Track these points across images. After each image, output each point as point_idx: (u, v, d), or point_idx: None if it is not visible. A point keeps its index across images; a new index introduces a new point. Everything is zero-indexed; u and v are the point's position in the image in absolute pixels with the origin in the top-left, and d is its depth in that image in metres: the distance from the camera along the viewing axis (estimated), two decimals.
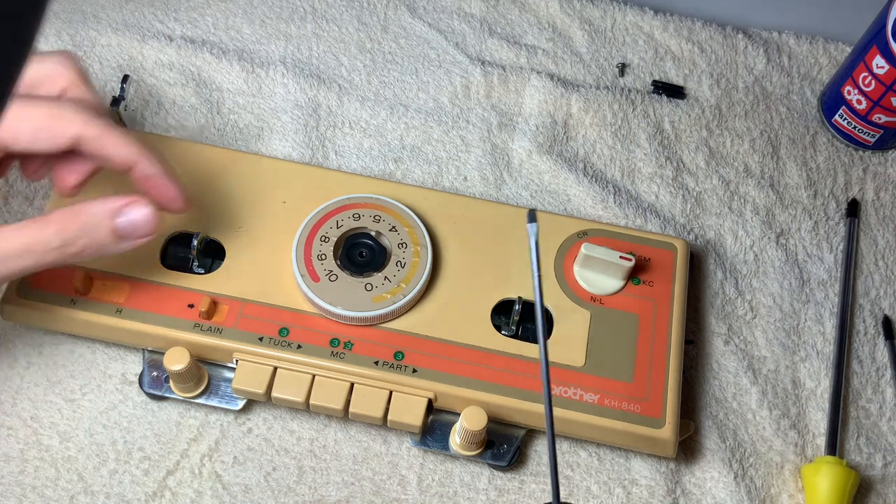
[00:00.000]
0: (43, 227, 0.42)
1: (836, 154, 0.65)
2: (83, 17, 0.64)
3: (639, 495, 0.52)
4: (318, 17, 0.67)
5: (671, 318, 0.53)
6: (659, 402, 0.50)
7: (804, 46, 0.69)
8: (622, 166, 0.63)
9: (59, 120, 0.41)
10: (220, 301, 0.51)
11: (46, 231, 0.41)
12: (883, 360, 0.58)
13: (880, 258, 0.61)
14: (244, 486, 0.51)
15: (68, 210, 0.43)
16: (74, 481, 0.50)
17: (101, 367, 0.53)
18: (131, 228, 0.44)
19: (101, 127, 0.42)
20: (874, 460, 0.55)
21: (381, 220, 0.53)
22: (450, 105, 0.64)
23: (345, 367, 0.50)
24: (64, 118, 0.42)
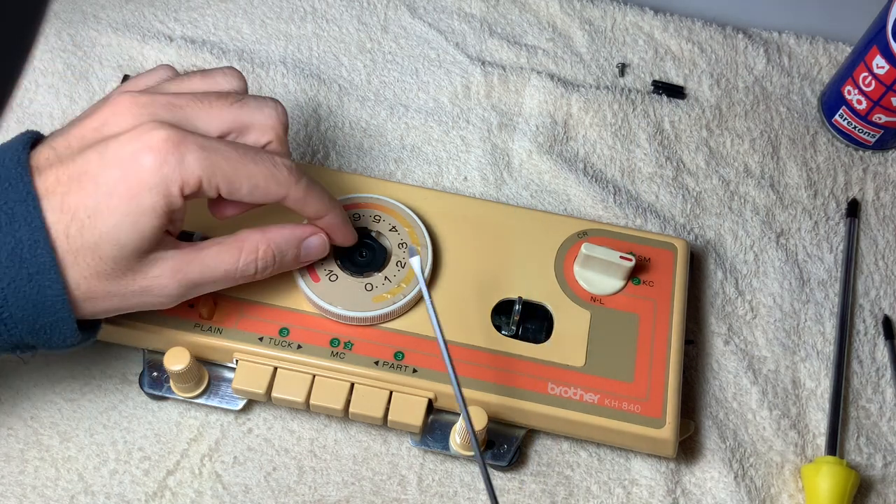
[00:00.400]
0: (239, 254, 0.45)
1: (836, 154, 0.65)
2: (83, 17, 0.64)
3: (639, 495, 0.52)
4: (318, 17, 0.67)
5: (671, 318, 0.53)
6: (659, 402, 0.50)
7: (804, 46, 0.69)
8: (622, 166, 0.63)
9: (275, 182, 0.44)
10: (220, 301, 0.51)
11: (245, 260, 0.45)
12: (883, 360, 0.58)
13: (880, 258, 0.61)
14: (244, 486, 0.51)
15: (261, 237, 0.46)
16: (74, 481, 0.50)
17: (101, 367, 0.53)
18: (311, 255, 0.49)
19: (304, 188, 0.45)
20: (874, 460, 0.55)
21: (381, 220, 0.53)
22: (450, 105, 0.64)
23: (345, 367, 0.50)
24: (279, 181, 0.44)
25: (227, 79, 0.46)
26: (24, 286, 0.40)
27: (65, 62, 0.62)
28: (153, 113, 0.42)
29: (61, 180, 0.40)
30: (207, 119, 0.43)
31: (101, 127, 0.42)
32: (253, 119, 0.44)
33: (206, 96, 0.44)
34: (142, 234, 0.41)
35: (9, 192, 0.40)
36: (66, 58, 0.62)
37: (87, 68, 0.62)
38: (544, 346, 0.51)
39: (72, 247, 0.40)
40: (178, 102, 0.43)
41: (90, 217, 0.40)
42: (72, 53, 0.62)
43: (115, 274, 0.42)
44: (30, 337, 0.42)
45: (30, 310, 0.41)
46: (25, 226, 0.39)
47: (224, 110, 0.44)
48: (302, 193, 0.45)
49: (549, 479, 0.52)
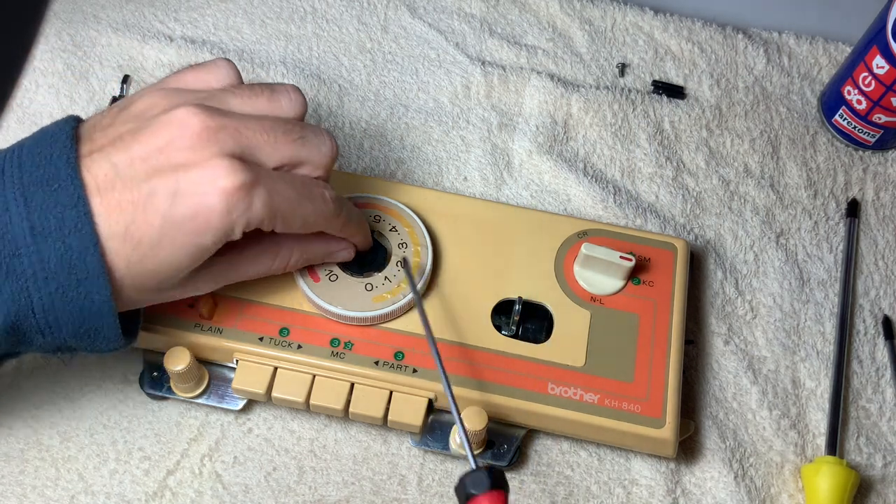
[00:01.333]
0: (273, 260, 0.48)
1: (836, 154, 0.65)
2: (83, 17, 0.64)
3: (639, 495, 0.52)
4: (318, 17, 0.67)
5: (671, 318, 0.53)
6: (659, 402, 0.50)
7: (804, 46, 0.69)
8: (622, 166, 0.63)
9: (324, 219, 0.46)
10: (220, 301, 0.51)
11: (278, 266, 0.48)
12: (883, 360, 0.58)
13: (880, 258, 0.61)
14: (244, 486, 0.51)
15: (296, 245, 0.48)
16: (74, 481, 0.50)
17: (101, 367, 0.53)
18: (334, 260, 0.51)
19: (344, 220, 0.47)
20: (874, 460, 0.55)
21: (381, 220, 0.53)
22: (450, 105, 0.64)
23: (345, 367, 0.50)
24: (327, 217, 0.46)
25: (291, 104, 0.46)
26: (72, 291, 0.40)
27: (65, 62, 0.62)
28: (222, 143, 0.41)
29: (124, 206, 0.40)
30: (270, 152, 0.43)
31: (166, 148, 0.41)
32: (311, 156, 0.45)
33: (272, 127, 0.44)
34: (199, 261, 0.43)
35: (58, 196, 0.40)
36: (66, 58, 0.62)
37: (87, 68, 0.62)
38: (544, 346, 0.51)
39: (130, 272, 0.41)
40: (245, 133, 0.43)
41: (153, 248, 0.41)
42: (72, 53, 0.62)
43: (167, 288, 0.44)
44: (73, 340, 0.42)
45: (76, 315, 0.41)
46: (76, 233, 0.39)
47: (287, 146, 0.44)
48: (341, 225, 0.48)
49: (549, 479, 0.52)
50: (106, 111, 0.44)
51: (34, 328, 0.41)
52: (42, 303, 0.40)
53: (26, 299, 0.40)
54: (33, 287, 0.40)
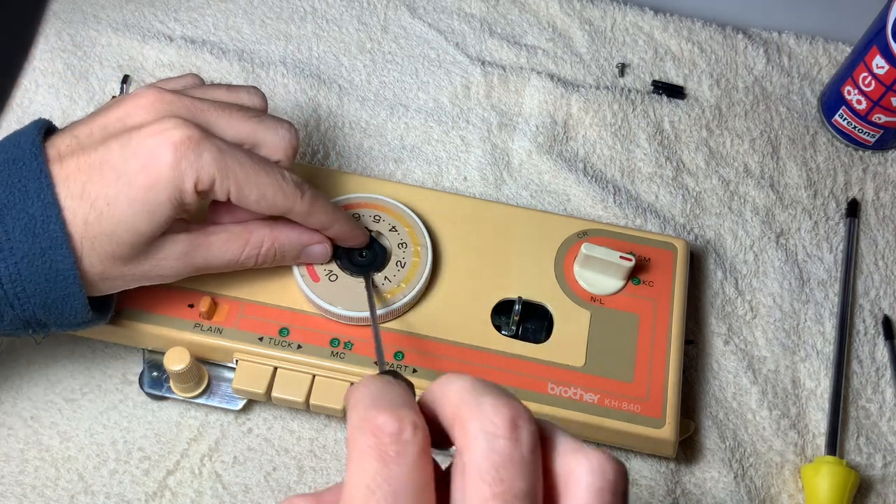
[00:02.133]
0: (244, 246, 0.47)
1: (836, 154, 0.65)
2: (83, 17, 0.64)
3: (639, 495, 0.52)
4: (318, 17, 0.67)
5: (671, 318, 0.53)
6: (659, 402, 0.50)
7: (804, 46, 0.69)
8: (622, 166, 0.63)
9: (282, 194, 0.45)
10: (220, 301, 0.51)
11: (248, 253, 0.48)
12: (883, 360, 0.58)
13: (880, 258, 0.61)
14: (244, 486, 0.51)
15: (268, 233, 0.48)
16: (74, 481, 0.50)
17: (101, 367, 0.53)
18: (311, 259, 0.50)
19: (308, 203, 0.47)
20: (874, 460, 0.55)
21: (381, 220, 0.53)
22: (450, 105, 0.64)
23: (345, 367, 0.50)
24: (286, 193, 0.46)
25: (249, 96, 0.48)
26: (37, 260, 0.42)
27: (65, 62, 0.62)
28: (175, 110, 0.44)
29: (82, 168, 0.42)
30: (226, 126, 0.45)
31: (124, 117, 0.44)
32: (267, 137, 0.46)
33: (228, 106, 0.46)
34: (157, 223, 0.43)
35: (22, 171, 0.42)
36: (66, 58, 0.62)
37: (87, 68, 0.62)
38: (544, 346, 0.51)
39: (89, 233, 0.42)
40: (200, 106, 0.45)
41: (109, 205, 0.42)
42: (72, 53, 0.62)
43: (129, 257, 0.44)
44: (42, 312, 0.43)
45: (42, 284, 0.42)
46: (38, 202, 0.41)
47: (242, 122, 0.46)
48: (306, 208, 0.47)
49: None
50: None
51: (3, 299, 0.42)
52: (9, 272, 0.41)
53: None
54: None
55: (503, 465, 0.29)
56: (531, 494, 0.29)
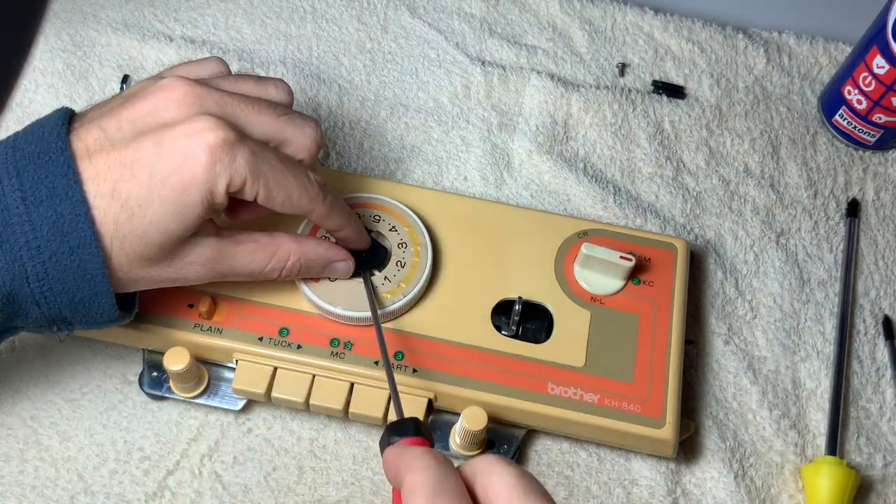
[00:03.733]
0: (270, 259, 0.47)
1: (836, 154, 0.65)
2: (83, 17, 0.64)
3: (639, 495, 0.52)
4: (318, 17, 0.67)
5: (671, 318, 0.53)
6: (659, 402, 0.50)
7: (804, 46, 0.69)
8: (622, 166, 0.63)
9: (307, 197, 0.46)
10: (220, 301, 0.51)
11: (273, 266, 0.47)
12: (883, 360, 0.58)
13: (880, 258, 0.61)
14: (244, 486, 0.51)
15: (295, 248, 0.48)
16: (74, 481, 0.50)
17: (101, 367, 0.53)
18: (334, 275, 0.50)
19: (329, 205, 0.47)
20: (874, 460, 0.55)
21: (381, 220, 0.53)
22: (450, 105, 0.64)
23: (345, 367, 0.50)
24: (311, 196, 0.46)
25: (277, 91, 0.48)
26: (65, 259, 0.41)
27: (65, 62, 0.62)
28: (207, 106, 0.43)
29: (112, 165, 0.41)
30: (255, 122, 0.45)
31: (153, 112, 0.43)
32: (294, 135, 0.46)
33: (258, 102, 0.45)
34: (187, 224, 0.43)
35: (49, 166, 0.41)
36: (66, 58, 0.62)
37: (87, 68, 0.62)
38: (544, 346, 0.51)
39: (119, 233, 0.42)
40: (230, 101, 0.44)
41: (140, 206, 0.41)
42: (72, 53, 0.62)
43: (157, 258, 0.43)
44: (69, 310, 0.43)
45: (70, 283, 0.42)
46: (67, 200, 0.41)
47: (271, 120, 0.45)
48: (326, 210, 0.47)
49: (549, 479, 0.52)
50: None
51: (30, 298, 0.41)
52: (36, 271, 0.41)
53: (20, 268, 0.41)
54: (27, 256, 0.40)
55: None
56: None
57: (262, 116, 0.45)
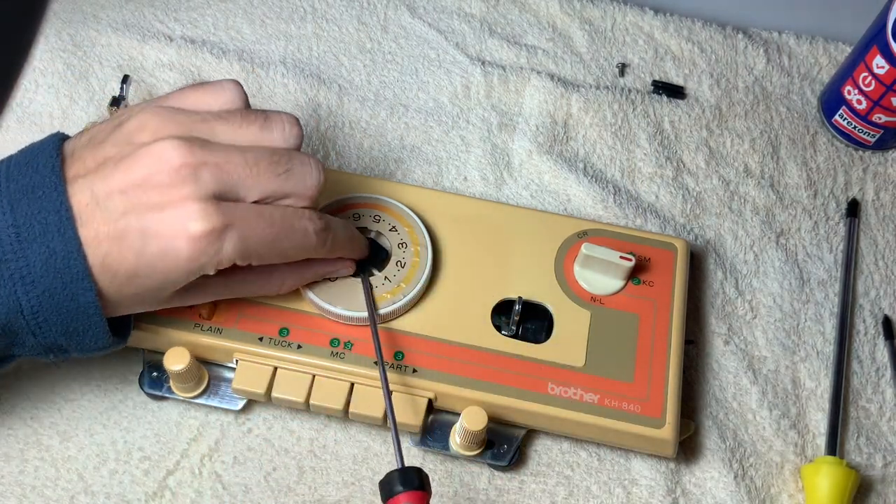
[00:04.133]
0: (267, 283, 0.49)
1: (836, 154, 0.65)
2: (83, 17, 0.64)
3: (639, 495, 0.52)
4: (318, 17, 0.67)
5: (671, 318, 0.53)
6: (659, 402, 0.50)
7: (804, 46, 0.69)
8: (622, 166, 0.63)
9: (304, 251, 0.47)
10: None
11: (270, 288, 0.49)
12: (883, 360, 0.58)
13: (880, 258, 0.61)
14: (244, 486, 0.51)
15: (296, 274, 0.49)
16: (74, 481, 0.50)
17: (101, 367, 0.53)
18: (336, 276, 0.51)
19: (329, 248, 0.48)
20: (874, 460, 0.55)
21: (381, 220, 0.53)
22: (450, 105, 0.64)
23: (345, 367, 0.50)
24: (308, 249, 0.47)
25: (284, 135, 0.45)
26: (59, 294, 0.41)
27: (65, 62, 0.62)
28: (200, 180, 0.41)
29: (101, 238, 0.41)
30: (252, 185, 0.43)
31: (144, 183, 0.41)
32: (295, 188, 0.45)
33: (257, 161, 0.43)
34: (180, 285, 0.44)
35: (42, 202, 0.41)
36: (66, 58, 0.62)
37: (87, 68, 0.62)
38: (544, 346, 0.51)
39: (111, 291, 0.42)
40: (226, 168, 0.42)
41: (129, 278, 0.42)
42: (72, 53, 0.62)
43: (152, 304, 0.45)
44: (63, 340, 0.43)
45: (63, 315, 0.42)
46: (59, 237, 0.40)
47: (270, 180, 0.44)
48: (327, 252, 0.48)
49: (549, 479, 0.52)
50: (101, 124, 0.45)
51: (25, 329, 0.42)
52: (31, 304, 0.41)
53: (15, 302, 0.41)
54: (21, 291, 0.41)
55: None
56: None
57: (261, 178, 0.43)
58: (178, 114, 0.44)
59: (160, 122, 0.43)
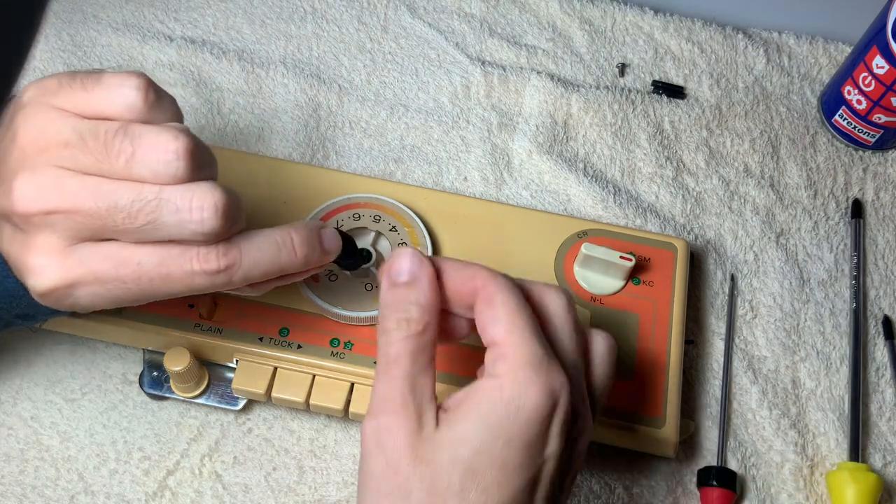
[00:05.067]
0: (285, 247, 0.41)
1: (836, 154, 0.65)
2: (83, 17, 0.64)
3: (639, 495, 0.52)
4: (318, 17, 0.67)
5: (671, 318, 0.53)
6: (659, 402, 0.50)
7: (804, 46, 0.69)
8: (622, 166, 0.63)
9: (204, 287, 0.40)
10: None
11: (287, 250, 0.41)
12: (883, 360, 0.58)
13: (880, 258, 0.61)
14: (244, 486, 0.51)
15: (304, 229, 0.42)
16: (74, 481, 0.50)
17: (101, 367, 0.53)
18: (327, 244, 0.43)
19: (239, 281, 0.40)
20: (874, 460, 0.55)
21: (381, 220, 0.53)
22: (450, 105, 0.64)
23: (345, 367, 0.50)
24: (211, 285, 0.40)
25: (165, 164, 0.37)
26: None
27: (65, 62, 0.62)
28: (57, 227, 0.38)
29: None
30: (122, 230, 0.38)
31: (9, 216, 0.38)
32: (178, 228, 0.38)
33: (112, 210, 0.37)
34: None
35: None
36: (66, 58, 0.62)
37: (87, 68, 0.62)
38: None
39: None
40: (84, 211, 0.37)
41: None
42: (72, 53, 0.63)
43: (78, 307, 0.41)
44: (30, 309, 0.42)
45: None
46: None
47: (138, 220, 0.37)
48: (241, 283, 0.41)
49: None
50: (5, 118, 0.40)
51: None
52: None
53: None
54: None
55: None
56: None
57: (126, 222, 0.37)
58: (62, 128, 0.38)
59: (45, 138, 0.38)
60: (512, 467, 0.36)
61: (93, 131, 0.37)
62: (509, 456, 0.36)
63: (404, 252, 0.40)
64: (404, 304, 0.39)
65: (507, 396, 0.36)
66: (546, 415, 0.37)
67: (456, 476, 0.36)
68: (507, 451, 0.36)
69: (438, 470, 0.36)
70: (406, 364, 0.38)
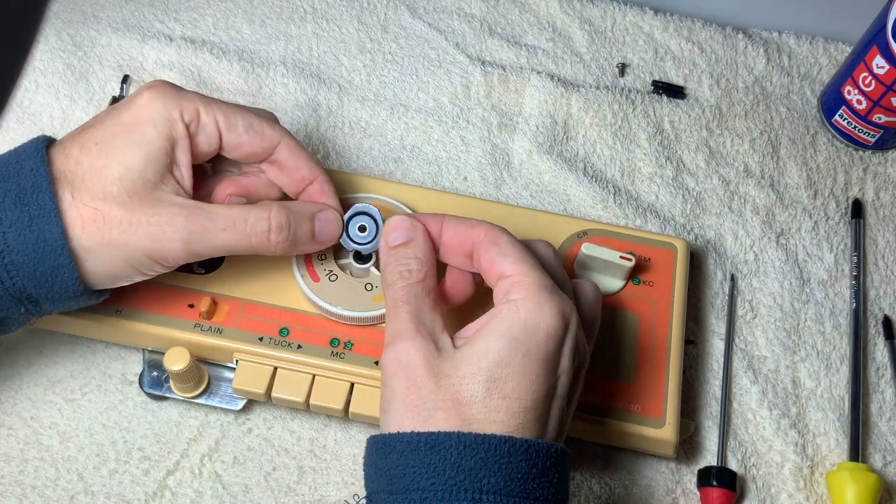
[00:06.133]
0: (249, 211, 0.46)
1: (836, 154, 0.65)
2: (83, 17, 0.64)
3: (639, 495, 0.52)
4: (318, 17, 0.67)
5: (671, 318, 0.53)
6: (659, 402, 0.50)
7: (804, 46, 0.69)
8: (622, 166, 0.63)
9: (269, 126, 0.47)
10: (220, 301, 0.51)
11: (257, 216, 0.46)
12: (883, 360, 0.58)
13: (880, 258, 0.61)
14: (244, 486, 0.51)
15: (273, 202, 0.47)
16: (74, 481, 0.50)
17: (101, 367, 0.53)
18: (326, 231, 0.48)
19: (298, 142, 0.48)
20: (874, 460, 0.55)
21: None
22: (450, 105, 0.64)
23: (345, 367, 0.50)
24: (271, 125, 0.48)
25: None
26: (25, 229, 0.42)
27: (65, 62, 0.62)
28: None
29: (72, 134, 0.45)
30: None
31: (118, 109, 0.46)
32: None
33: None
34: (147, 156, 0.44)
35: (19, 153, 0.43)
36: (66, 58, 0.62)
37: (87, 68, 0.62)
38: None
39: (78, 173, 0.43)
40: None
41: (97, 144, 0.43)
42: (72, 53, 0.62)
43: (118, 204, 0.43)
44: (32, 285, 0.43)
45: (30, 254, 0.42)
46: (32, 175, 0.42)
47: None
48: (295, 142, 0.48)
49: None
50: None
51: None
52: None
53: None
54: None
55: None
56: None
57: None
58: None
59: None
60: (531, 379, 0.39)
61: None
62: (528, 368, 0.39)
63: (398, 219, 0.45)
64: (404, 260, 0.44)
65: (525, 316, 0.40)
66: (560, 334, 0.41)
67: (478, 385, 0.39)
68: (526, 362, 0.40)
69: (460, 382, 0.39)
70: (413, 303, 0.43)
